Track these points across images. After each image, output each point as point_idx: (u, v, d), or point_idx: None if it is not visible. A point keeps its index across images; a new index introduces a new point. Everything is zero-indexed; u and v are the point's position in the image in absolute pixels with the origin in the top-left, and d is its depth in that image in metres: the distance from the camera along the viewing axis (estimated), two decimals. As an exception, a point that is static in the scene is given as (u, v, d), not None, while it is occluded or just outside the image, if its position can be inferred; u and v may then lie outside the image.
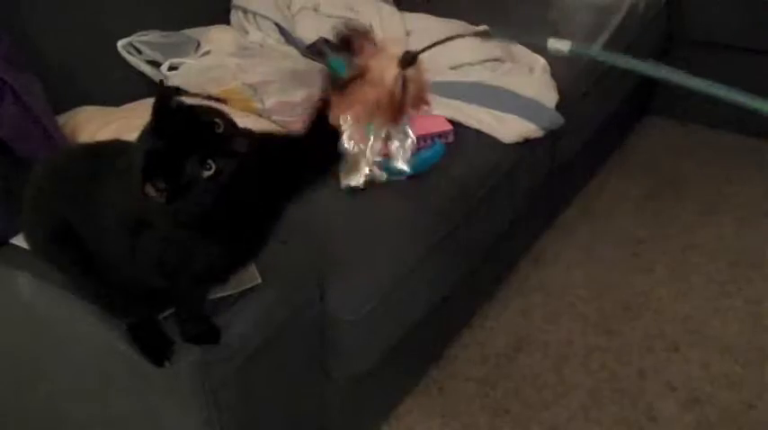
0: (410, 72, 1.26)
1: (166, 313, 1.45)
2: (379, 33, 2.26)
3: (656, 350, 2.20)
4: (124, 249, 1.29)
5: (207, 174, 1.13)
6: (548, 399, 2.08)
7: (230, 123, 1.18)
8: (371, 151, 1.67)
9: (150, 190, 1.12)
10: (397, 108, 1.29)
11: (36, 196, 1.40)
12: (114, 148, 1.35)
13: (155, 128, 1.15)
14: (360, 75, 1.25)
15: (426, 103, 1.35)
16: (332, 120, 1.26)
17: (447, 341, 2.21)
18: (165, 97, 1.16)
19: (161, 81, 1.20)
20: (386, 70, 1.26)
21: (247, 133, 1.21)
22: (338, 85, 1.25)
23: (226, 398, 1.45)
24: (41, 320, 1.59)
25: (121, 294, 1.40)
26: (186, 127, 1.14)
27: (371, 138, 1.40)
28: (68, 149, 1.46)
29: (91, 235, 1.33)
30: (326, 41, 2.20)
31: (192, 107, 1.18)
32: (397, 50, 1.27)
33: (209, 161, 1.13)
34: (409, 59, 1.26)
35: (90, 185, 1.32)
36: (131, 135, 1.21)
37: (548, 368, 2.16)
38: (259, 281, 1.49)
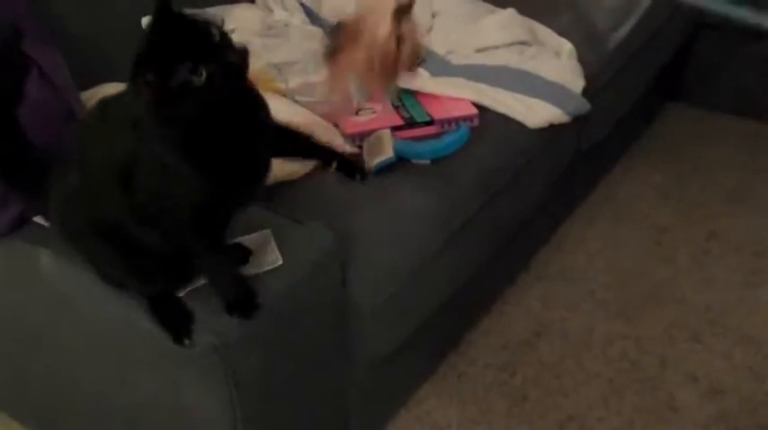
0: (405, 28, 1.22)
1: (188, 287, 1.45)
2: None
3: (678, 340, 2.18)
4: (124, 193, 1.29)
5: (198, 80, 1.13)
6: (567, 387, 2.07)
7: (225, 35, 1.18)
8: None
9: (139, 83, 1.13)
10: (390, 64, 1.25)
11: (62, 174, 1.41)
12: (115, 98, 1.37)
13: (152, 29, 1.16)
14: (354, 30, 1.22)
15: (417, 63, 1.30)
16: (330, 90, 1.24)
17: (466, 327, 2.20)
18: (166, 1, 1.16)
19: None
20: (380, 26, 1.22)
21: (243, 49, 1.20)
22: (332, 49, 1.22)
23: (246, 379, 1.45)
24: (62, 297, 1.60)
25: (142, 265, 1.39)
26: (182, 32, 1.15)
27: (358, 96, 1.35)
28: (81, 121, 1.47)
29: (101, 192, 1.33)
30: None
31: (189, 15, 1.18)
32: (389, 5, 1.22)
33: (201, 68, 1.13)
34: (404, 8, 1.22)
35: (94, 140, 1.33)
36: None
37: (567, 355, 2.15)
38: (280, 262, 1.49)
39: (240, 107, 1.24)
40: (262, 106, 1.32)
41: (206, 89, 1.14)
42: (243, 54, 1.19)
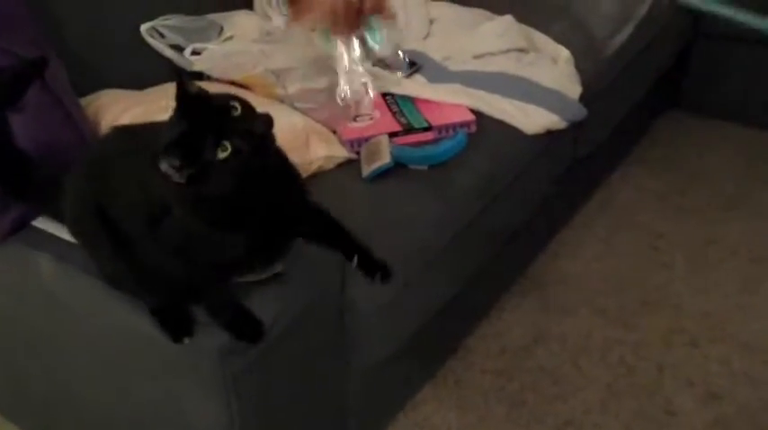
0: None
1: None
2: (403, 20, 2.26)
3: (675, 345, 2.19)
4: (147, 233, 1.30)
5: (223, 155, 1.16)
6: (565, 392, 2.07)
7: (248, 107, 1.20)
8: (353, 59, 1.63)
9: (167, 168, 1.14)
10: (353, 14, 1.24)
11: (76, 179, 1.42)
12: (146, 130, 1.37)
13: (176, 114, 1.19)
14: None
15: (383, 8, 1.28)
16: (290, 21, 1.23)
17: (465, 332, 2.21)
18: (184, 84, 1.19)
19: (178, 71, 1.21)
20: None
21: (266, 118, 1.22)
22: None
23: (246, 383, 1.45)
24: (62, 302, 1.60)
25: (148, 280, 1.40)
26: (205, 111, 1.18)
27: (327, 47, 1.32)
28: (107, 133, 1.48)
29: (120, 217, 1.34)
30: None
31: (209, 93, 1.21)
32: None
33: (225, 142, 1.15)
34: None
35: (121, 167, 1.34)
36: (156, 118, 1.22)
37: (565, 361, 2.15)
38: (280, 268, 1.49)
39: (270, 173, 1.26)
40: (294, 175, 1.35)
41: (232, 163, 1.17)
42: (267, 122, 1.21)
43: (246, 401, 1.48)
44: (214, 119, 1.17)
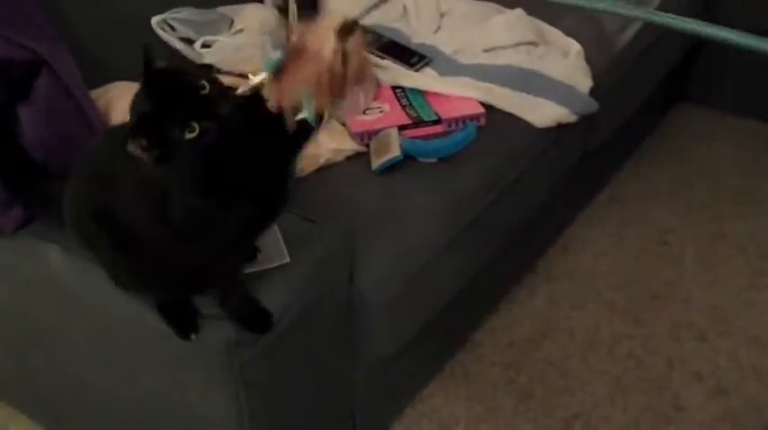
0: (350, 44, 1.21)
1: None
2: (413, 14, 2.26)
3: (684, 339, 2.19)
4: (153, 224, 1.30)
5: (190, 136, 1.13)
6: (573, 386, 2.07)
7: (217, 86, 1.17)
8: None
9: (135, 149, 1.13)
10: (338, 83, 1.24)
11: (75, 182, 1.42)
12: None
13: (142, 90, 1.16)
14: (297, 52, 1.21)
15: (366, 77, 1.28)
16: (272, 103, 1.23)
17: (473, 325, 2.21)
18: (150, 60, 1.16)
19: (146, 45, 1.19)
20: (324, 43, 1.21)
21: (234, 95, 1.19)
22: (276, 69, 1.22)
23: (253, 376, 1.46)
24: (71, 293, 1.61)
25: (154, 276, 1.41)
26: (172, 89, 1.15)
27: (308, 112, 1.33)
28: (101, 135, 1.47)
29: (124, 214, 1.34)
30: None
31: (178, 69, 1.18)
32: (333, 22, 1.21)
33: (193, 123, 1.13)
34: (348, 27, 1.21)
35: (120, 163, 1.34)
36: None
37: (573, 354, 2.15)
38: (287, 260, 1.49)
39: (250, 145, 1.24)
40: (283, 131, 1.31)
41: (200, 143, 1.14)
42: (234, 98, 1.18)
43: (254, 393, 1.48)
44: (181, 97, 1.14)
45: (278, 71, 1.20)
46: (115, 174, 1.34)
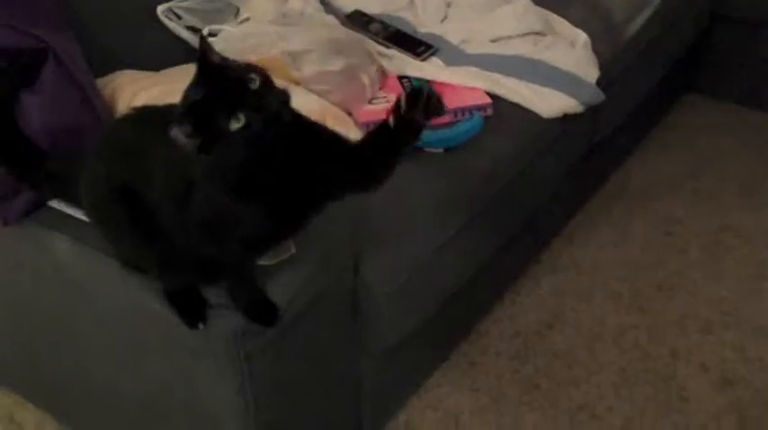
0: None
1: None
2: (420, 3, 2.26)
3: (690, 331, 2.19)
4: (176, 210, 1.31)
5: (235, 126, 1.15)
6: (578, 377, 2.07)
7: (267, 80, 1.19)
8: None
9: (177, 134, 1.14)
10: None
11: (94, 160, 1.42)
12: (170, 112, 1.37)
13: (195, 81, 1.19)
14: None
15: None
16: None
17: (479, 316, 2.21)
18: (206, 51, 1.19)
19: (201, 36, 1.21)
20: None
21: (283, 94, 1.21)
22: None
23: (260, 366, 1.46)
24: (77, 281, 1.61)
25: (170, 260, 1.41)
26: (223, 80, 1.17)
27: None
28: (127, 114, 1.48)
29: (147, 197, 1.35)
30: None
31: (230, 64, 1.20)
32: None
33: (240, 114, 1.15)
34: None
35: (147, 146, 1.34)
36: (172, 99, 1.22)
37: (579, 345, 2.15)
38: (293, 251, 1.49)
39: (288, 146, 1.25)
40: (322, 139, 1.33)
41: (244, 135, 1.16)
42: (284, 98, 1.21)
43: (260, 384, 1.48)
44: (231, 89, 1.16)
45: None
46: (142, 154, 1.34)
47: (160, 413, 1.72)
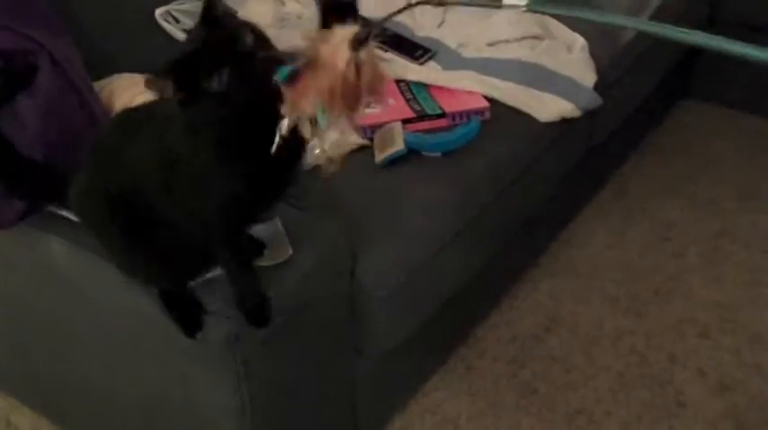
0: (363, 55, 1.21)
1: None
2: (417, 7, 2.25)
3: (687, 335, 2.18)
4: (160, 191, 1.31)
5: (214, 86, 1.14)
6: (576, 381, 2.07)
7: (261, 39, 1.18)
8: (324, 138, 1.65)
9: (156, 86, 1.14)
10: (352, 94, 1.24)
11: (84, 166, 1.42)
12: (151, 104, 1.39)
13: (194, 31, 1.19)
14: (310, 62, 1.22)
15: (380, 91, 1.29)
16: (283, 111, 1.23)
17: (476, 320, 2.21)
18: (212, 4, 1.18)
19: None
20: (337, 54, 1.21)
21: (271, 59, 1.18)
22: (290, 76, 1.22)
23: (256, 369, 1.45)
24: (74, 285, 1.60)
25: (159, 260, 1.40)
26: (217, 35, 1.16)
27: (322, 124, 1.33)
28: (111, 119, 1.48)
29: (132, 193, 1.34)
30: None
31: (230, 19, 1.19)
32: (347, 32, 1.22)
33: (221, 73, 1.14)
34: (361, 39, 1.21)
35: (130, 144, 1.35)
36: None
37: (576, 350, 2.15)
38: (290, 253, 1.49)
39: (268, 109, 1.22)
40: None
41: (226, 95, 1.15)
42: (275, 61, 1.17)
43: (256, 387, 1.48)
44: (221, 46, 1.15)
45: (290, 80, 1.20)
46: (130, 153, 1.34)
47: (156, 416, 1.71)
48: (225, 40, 1.16)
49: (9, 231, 1.60)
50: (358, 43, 1.17)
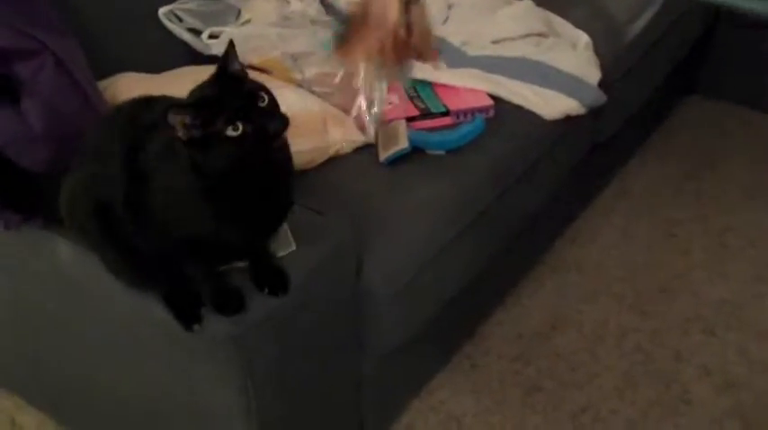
0: (413, 13, 1.22)
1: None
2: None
3: (692, 333, 2.18)
4: (130, 209, 1.33)
5: (232, 134, 1.18)
6: (581, 379, 2.07)
7: (273, 102, 1.24)
8: (378, 102, 1.65)
9: (175, 121, 1.18)
10: (402, 49, 1.25)
11: (69, 177, 1.43)
12: (136, 103, 1.41)
13: (211, 80, 1.24)
14: (361, 19, 1.22)
15: (429, 47, 1.29)
16: (346, 63, 1.25)
17: (481, 318, 2.20)
18: (229, 57, 1.24)
19: (231, 42, 1.25)
20: (387, 11, 1.22)
21: (284, 119, 1.24)
22: (341, 36, 1.23)
23: (260, 367, 1.45)
24: (78, 285, 1.60)
25: (150, 265, 1.41)
26: (235, 88, 1.22)
27: (379, 88, 1.34)
28: (96, 123, 1.49)
29: (110, 201, 1.35)
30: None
31: (246, 77, 1.25)
32: None
33: (239, 123, 1.18)
34: None
35: (107, 147, 1.37)
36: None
37: (582, 347, 2.15)
38: (294, 247, 1.49)
39: (268, 169, 1.28)
40: (290, 170, 1.36)
41: (236, 144, 1.19)
42: (284, 122, 1.23)
43: (261, 386, 1.48)
44: (240, 99, 1.20)
45: (342, 40, 1.21)
46: (106, 158, 1.36)
47: (162, 415, 1.71)
48: (247, 94, 1.21)
49: (15, 233, 1.60)
50: (408, 1, 1.18)
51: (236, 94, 1.21)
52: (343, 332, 1.68)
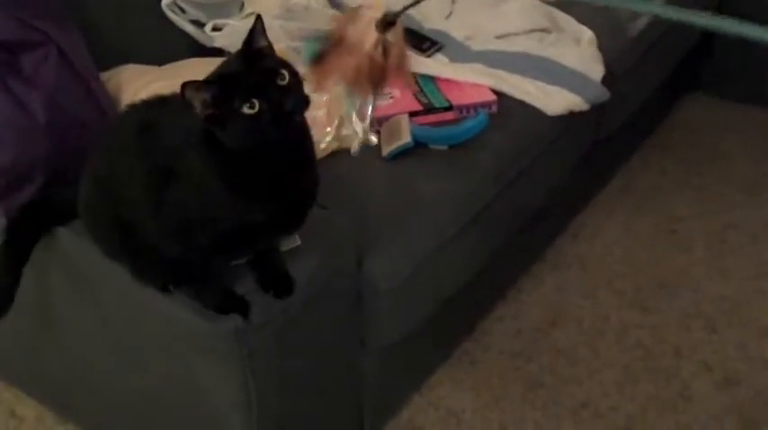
0: (391, 36, 1.22)
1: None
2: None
3: (693, 329, 2.18)
4: (151, 205, 1.31)
5: (248, 112, 1.17)
6: (581, 375, 2.07)
7: (295, 79, 1.21)
8: (359, 116, 1.66)
9: (193, 97, 1.17)
10: (378, 74, 1.25)
11: (90, 168, 1.43)
12: (152, 103, 1.39)
13: (234, 56, 1.23)
14: (337, 42, 1.22)
15: (405, 71, 1.29)
16: (313, 90, 1.25)
17: (481, 314, 2.20)
18: (254, 33, 1.22)
19: (258, 15, 1.24)
20: (364, 35, 1.22)
21: (304, 97, 1.22)
22: (316, 57, 1.23)
23: (262, 362, 1.46)
24: (80, 276, 1.61)
25: (156, 262, 1.41)
26: (255, 66, 1.20)
27: (353, 107, 1.34)
28: (116, 117, 1.49)
29: (125, 199, 1.35)
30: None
31: (271, 52, 1.24)
32: (375, 14, 1.22)
33: (255, 101, 1.17)
34: (388, 21, 1.22)
35: (124, 146, 1.35)
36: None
37: (582, 343, 2.15)
38: (298, 243, 1.49)
39: (287, 148, 1.27)
40: (311, 150, 1.35)
41: (253, 121, 1.18)
42: (303, 101, 1.22)
43: (263, 380, 1.48)
44: (259, 76, 1.19)
45: (318, 60, 1.21)
46: (124, 155, 1.35)
47: (163, 409, 1.72)
48: (266, 71, 1.20)
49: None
50: (385, 25, 1.17)
51: (255, 71, 1.20)
52: (344, 327, 1.68)
